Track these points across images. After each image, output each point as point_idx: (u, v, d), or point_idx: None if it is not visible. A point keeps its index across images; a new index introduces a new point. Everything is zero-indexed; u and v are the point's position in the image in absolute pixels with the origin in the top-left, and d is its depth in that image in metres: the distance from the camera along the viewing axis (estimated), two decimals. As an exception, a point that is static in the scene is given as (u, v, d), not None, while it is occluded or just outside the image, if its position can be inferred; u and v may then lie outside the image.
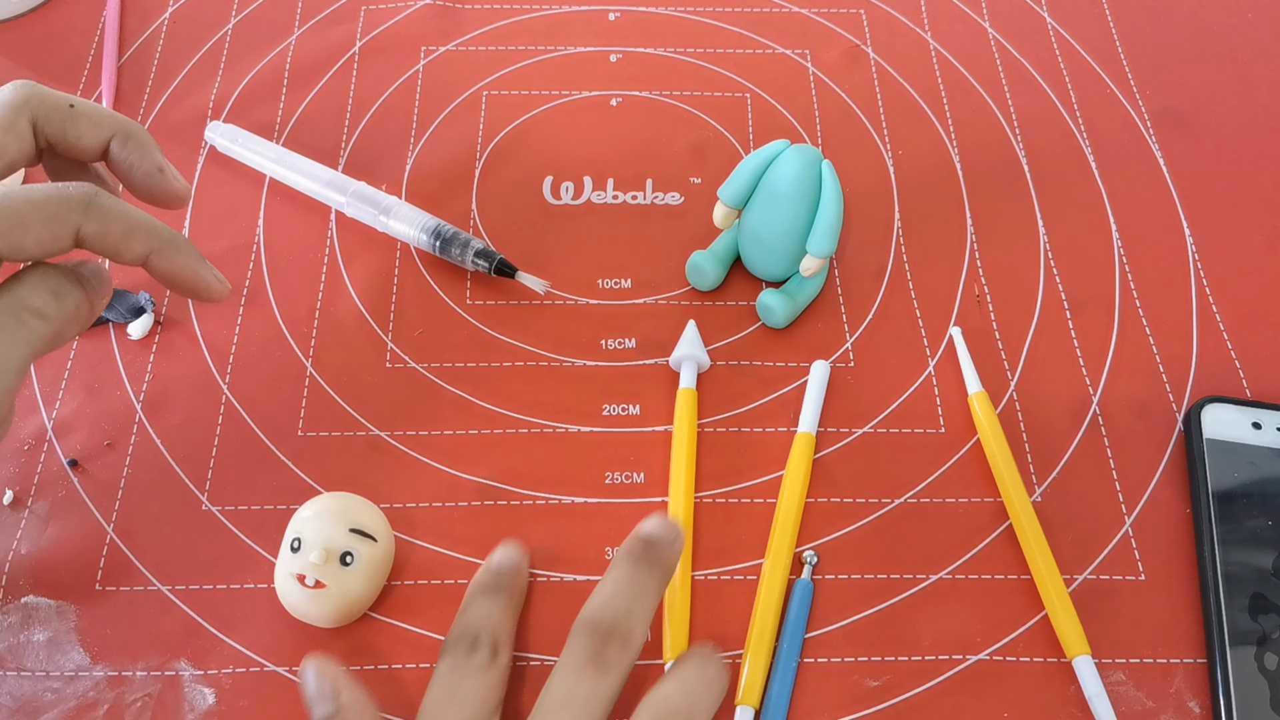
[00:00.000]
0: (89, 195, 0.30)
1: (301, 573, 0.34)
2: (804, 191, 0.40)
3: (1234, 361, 0.43)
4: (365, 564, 0.35)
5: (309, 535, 0.34)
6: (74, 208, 0.30)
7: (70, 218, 0.30)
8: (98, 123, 0.33)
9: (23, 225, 0.29)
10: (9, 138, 0.31)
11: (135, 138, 0.34)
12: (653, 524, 0.34)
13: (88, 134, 0.33)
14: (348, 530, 0.35)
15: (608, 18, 0.54)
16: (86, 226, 0.30)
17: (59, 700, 0.35)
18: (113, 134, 0.33)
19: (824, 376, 0.42)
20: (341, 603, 0.34)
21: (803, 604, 0.37)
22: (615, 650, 0.31)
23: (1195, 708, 0.35)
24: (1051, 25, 0.55)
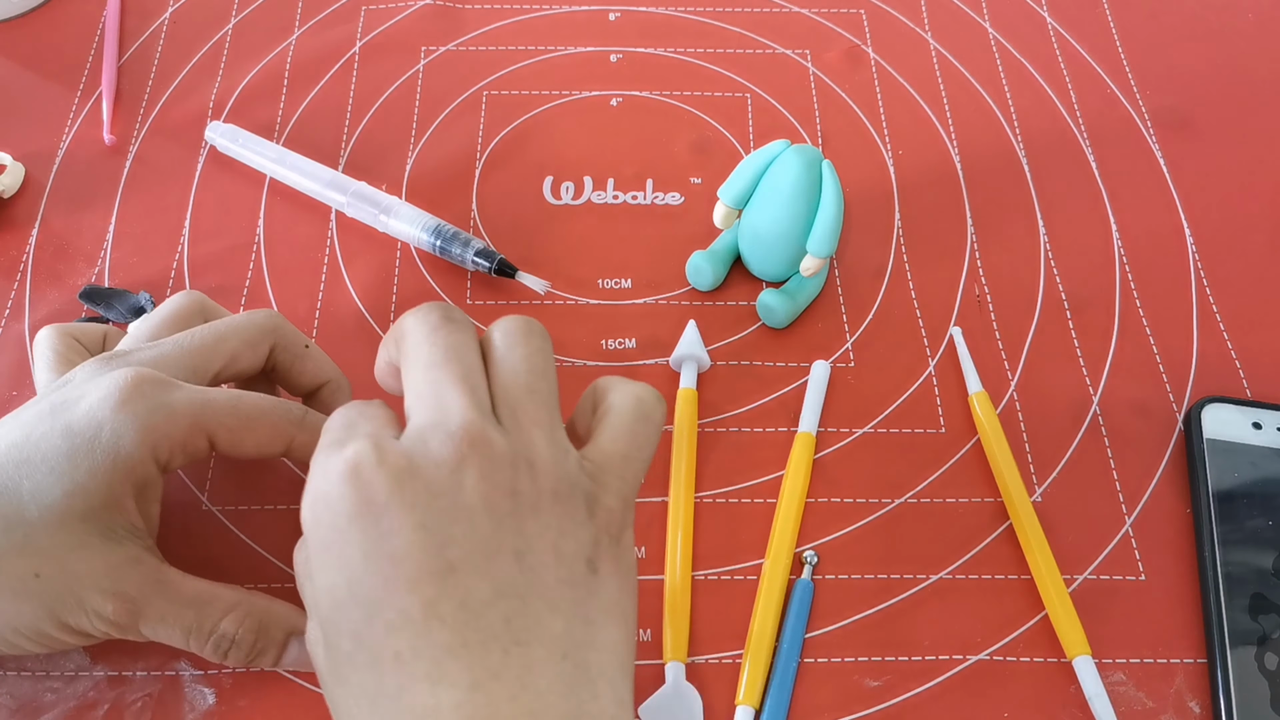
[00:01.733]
0: (303, 412, 0.34)
1: None
2: (804, 191, 0.40)
3: (1234, 361, 0.43)
4: None
5: None
6: (293, 421, 0.33)
7: (289, 430, 0.33)
8: (321, 369, 0.37)
9: (251, 426, 0.32)
10: (249, 353, 0.35)
11: (344, 391, 0.37)
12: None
13: (310, 375, 0.37)
14: None
15: (608, 18, 0.54)
16: (299, 438, 0.33)
17: (59, 700, 0.35)
18: (328, 381, 0.37)
19: (824, 376, 0.42)
20: None
21: (803, 604, 0.37)
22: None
23: (1195, 708, 0.35)
24: (1051, 25, 0.55)
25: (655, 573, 0.38)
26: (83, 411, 0.31)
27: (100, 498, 0.30)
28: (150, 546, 0.32)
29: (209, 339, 0.34)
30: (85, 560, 0.30)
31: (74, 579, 0.30)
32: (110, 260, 0.45)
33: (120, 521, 0.31)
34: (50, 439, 0.30)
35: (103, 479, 0.30)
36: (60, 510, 0.30)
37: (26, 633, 0.31)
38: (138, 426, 0.30)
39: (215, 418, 0.32)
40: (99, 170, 0.48)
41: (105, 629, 0.31)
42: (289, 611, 0.33)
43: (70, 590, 0.30)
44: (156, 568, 0.31)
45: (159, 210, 0.47)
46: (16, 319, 0.43)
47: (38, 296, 0.44)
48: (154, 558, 0.32)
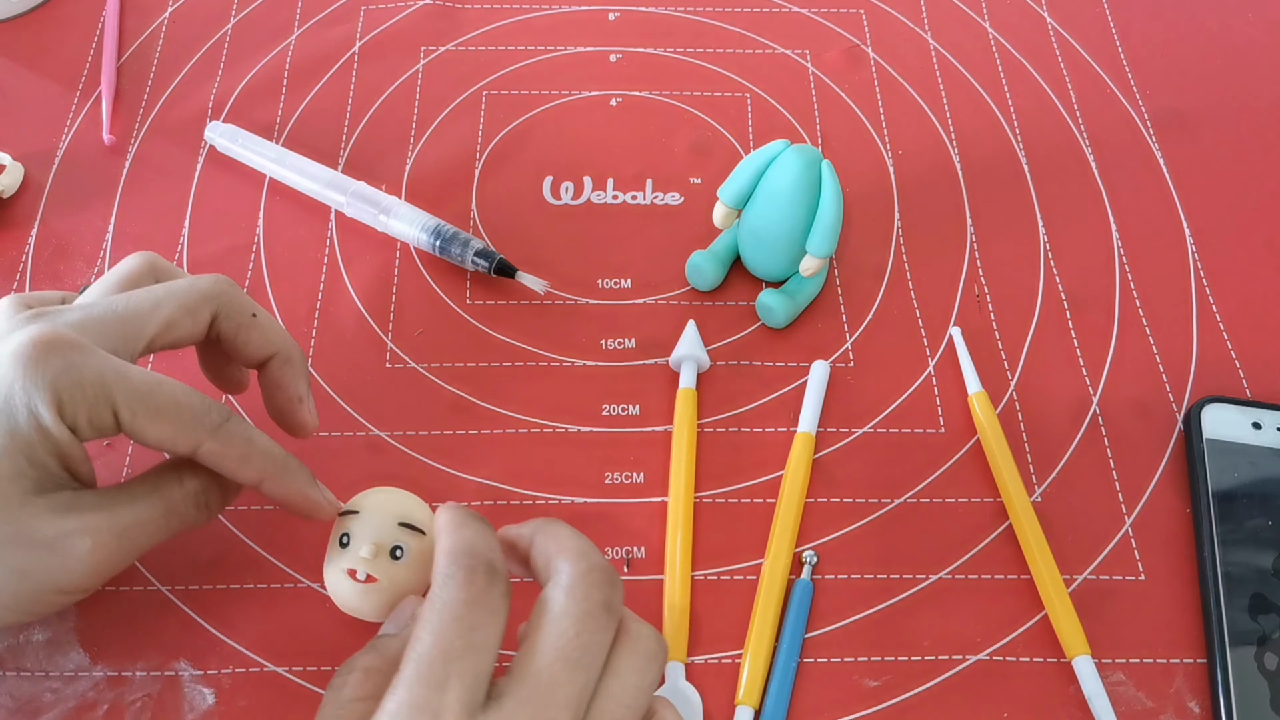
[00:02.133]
0: (222, 418, 0.32)
1: (352, 567, 0.33)
2: (804, 191, 0.40)
3: (1234, 361, 0.43)
4: (415, 557, 0.33)
5: (358, 530, 0.34)
6: (205, 427, 0.32)
7: (197, 433, 0.31)
8: (269, 339, 0.35)
9: (156, 416, 0.31)
10: (187, 320, 0.33)
11: (293, 363, 0.36)
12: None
13: (256, 345, 0.35)
14: (396, 524, 0.34)
15: (608, 18, 0.54)
16: (208, 445, 0.32)
17: (59, 700, 0.35)
18: (276, 353, 0.35)
19: (824, 376, 0.42)
20: (393, 595, 0.33)
21: (802, 604, 0.37)
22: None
23: (1195, 708, 0.35)
24: (1051, 25, 0.55)
25: (656, 573, 0.38)
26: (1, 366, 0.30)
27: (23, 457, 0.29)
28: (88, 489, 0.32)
29: (143, 303, 0.33)
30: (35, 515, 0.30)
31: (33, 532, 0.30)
32: (110, 260, 0.45)
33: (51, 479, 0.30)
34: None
35: (21, 438, 0.29)
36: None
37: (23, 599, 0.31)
38: (44, 384, 0.29)
39: (122, 397, 0.30)
40: (99, 170, 0.48)
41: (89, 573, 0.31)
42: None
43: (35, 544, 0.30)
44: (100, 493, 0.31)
45: (159, 210, 0.47)
46: (16, 319, 0.43)
47: (37, 296, 0.44)
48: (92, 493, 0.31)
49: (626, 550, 0.38)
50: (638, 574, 0.38)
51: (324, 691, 0.29)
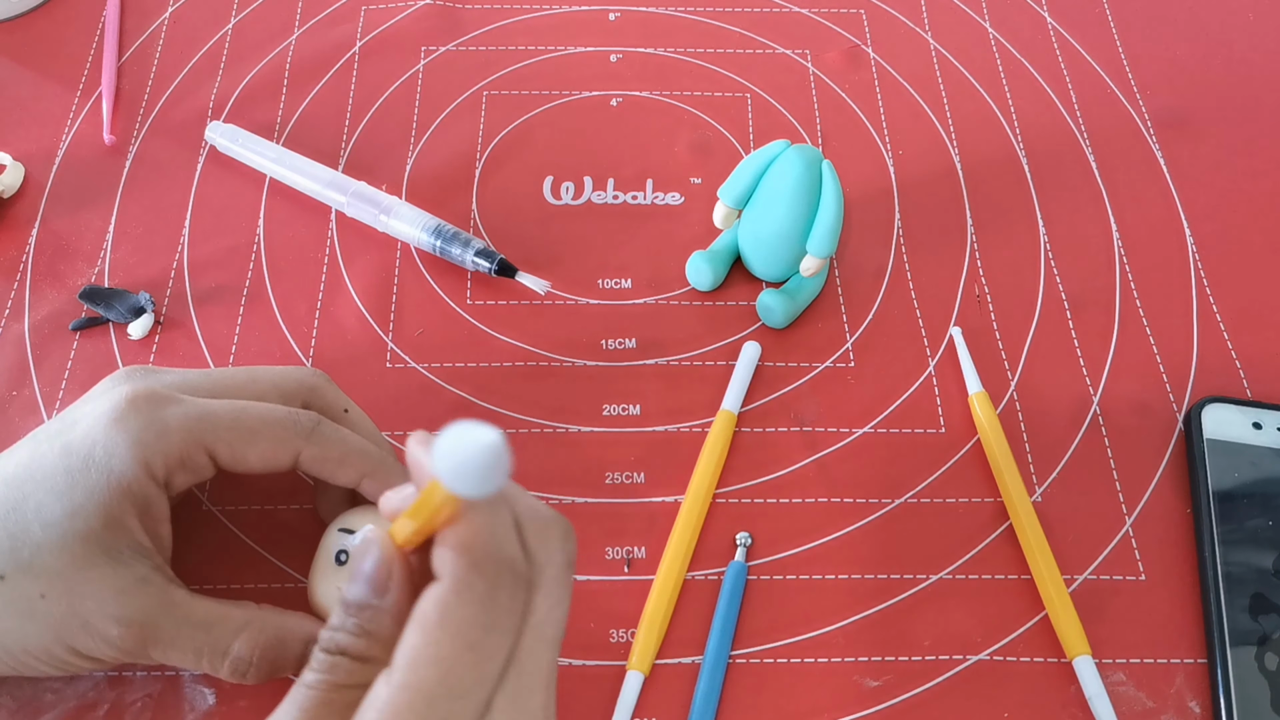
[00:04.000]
0: (314, 423, 0.33)
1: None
2: (804, 192, 0.40)
3: (1234, 361, 0.43)
4: None
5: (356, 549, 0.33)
6: (299, 433, 0.32)
7: (295, 442, 0.32)
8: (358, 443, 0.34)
9: (252, 438, 0.32)
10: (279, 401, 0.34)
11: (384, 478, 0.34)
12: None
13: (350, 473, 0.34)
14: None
15: (608, 18, 0.54)
16: (307, 451, 0.32)
17: (59, 700, 0.35)
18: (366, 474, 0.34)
19: (754, 357, 0.42)
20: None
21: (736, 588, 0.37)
22: None
23: (1195, 708, 0.35)
24: (1051, 25, 0.55)
25: (653, 573, 0.38)
26: (81, 430, 0.31)
27: (99, 518, 0.30)
28: (159, 566, 0.31)
29: (241, 377, 0.34)
30: (90, 582, 0.30)
31: (78, 601, 0.30)
32: (110, 260, 0.45)
33: (125, 542, 0.30)
34: (50, 457, 0.30)
35: (99, 499, 0.30)
36: (62, 530, 0.29)
37: (36, 653, 0.30)
38: (130, 443, 0.30)
39: (214, 432, 0.31)
40: (99, 170, 0.48)
41: (114, 654, 0.30)
42: (301, 622, 0.33)
43: (75, 613, 0.30)
44: (164, 589, 0.31)
45: (159, 210, 0.47)
46: (16, 319, 0.43)
47: (37, 296, 0.44)
48: (162, 577, 0.31)
49: (627, 550, 0.38)
50: (638, 574, 0.38)
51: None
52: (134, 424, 0.30)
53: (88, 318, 0.43)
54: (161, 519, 0.32)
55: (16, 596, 0.29)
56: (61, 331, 0.43)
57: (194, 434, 0.31)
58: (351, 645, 0.25)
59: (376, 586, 0.25)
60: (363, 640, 0.25)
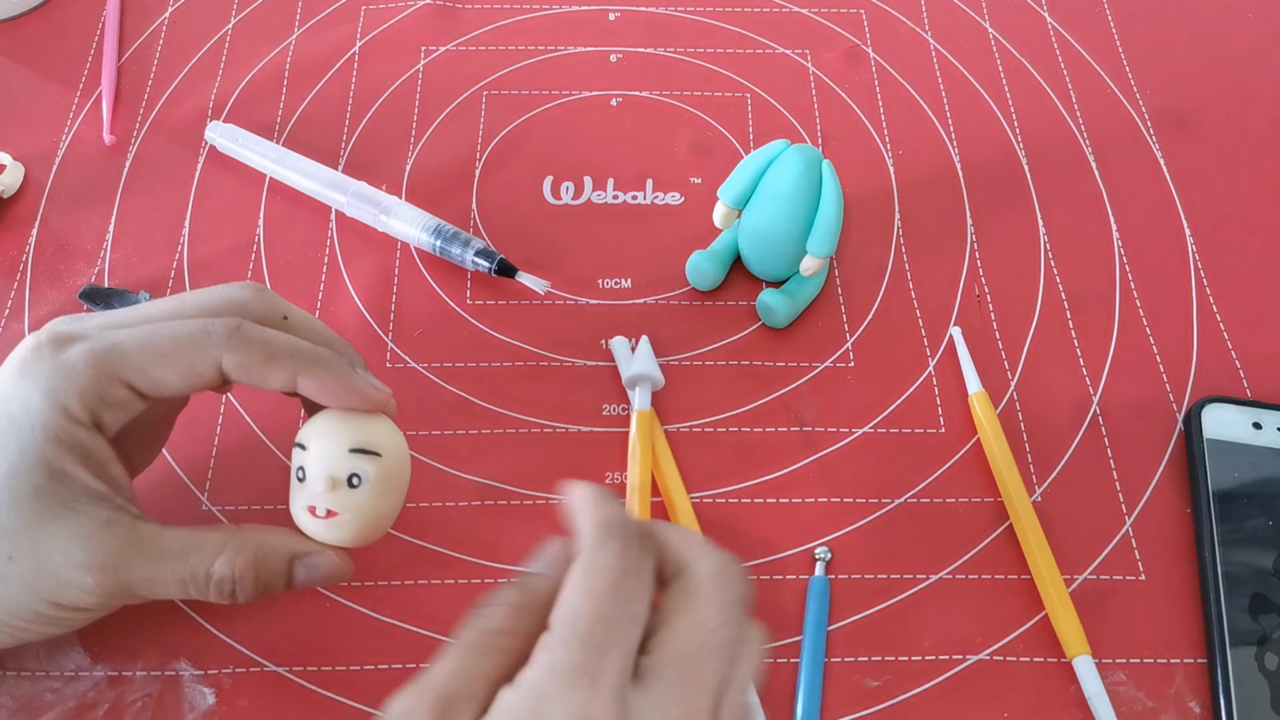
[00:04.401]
0: (230, 328, 0.31)
1: (311, 504, 0.32)
2: (804, 191, 0.40)
3: (1234, 361, 0.43)
4: (374, 483, 0.32)
5: (311, 463, 0.32)
6: (215, 342, 0.31)
7: (210, 352, 0.31)
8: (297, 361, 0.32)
9: (164, 359, 0.30)
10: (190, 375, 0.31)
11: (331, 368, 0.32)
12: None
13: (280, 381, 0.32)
14: (348, 452, 0.32)
15: (608, 18, 0.54)
16: (228, 359, 0.31)
17: (59, 700, 0.35)
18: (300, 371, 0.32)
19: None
20: (359, 526, 0.32)
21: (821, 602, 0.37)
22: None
23: (1195, 708, 0.35)
24: (1051, 25, 0.55)
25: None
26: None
27: (42, 472, 0.29)
28: (121, 506, 0.31)
29: (166, 306, 0.32)
30: (53, 535, 0.29)
31: (46, 555, 0.29)
32: (110, 260, 0.45)
33: (77, 490, 0.30)
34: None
35: (34, 453, 0.29)
36: (9, 492, 0.29)
37: (23, 614, 0.30)
38: (41, 392, 0.29)
39: (123, 359, 0.30)
40: (99, 170, 0.48)
41: (97, 600, 0.30)
42: (284, 537, 0.32)
43: (46, 568, 0.29)
44: (130, 527, 0.30)
45: (159, 210, 0.47)
46: (16, 319, 0.43)
47: (37, 296, 0.44)
48: (127, 517, 0.30)
49: (627, 550, 0.38)
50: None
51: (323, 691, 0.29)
52: (39, 371, 0.30)
53: None
54: (107, 461, 0.31)
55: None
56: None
57: (102, 368, 0.30)
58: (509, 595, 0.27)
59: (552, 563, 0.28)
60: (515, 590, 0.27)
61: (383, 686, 0.35)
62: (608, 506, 0.28)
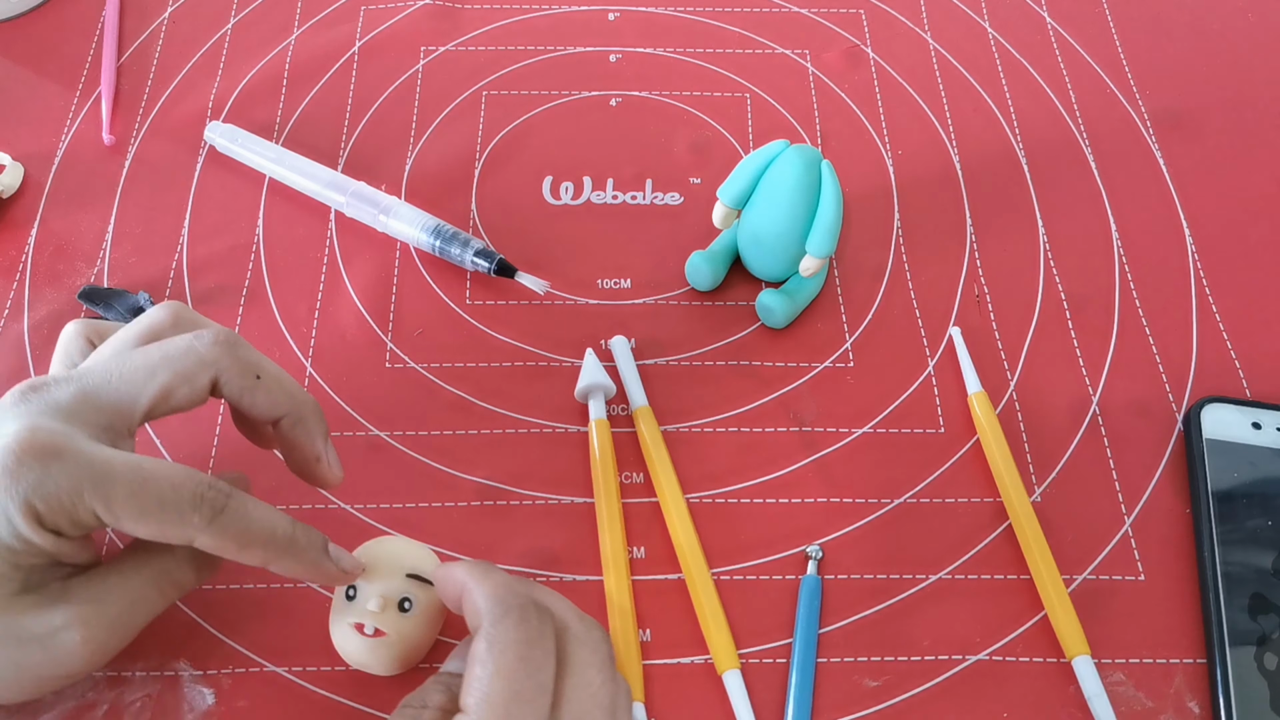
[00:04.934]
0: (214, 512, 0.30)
1: (359, 621, 0.33)
2: (804, 192, 0.40)
3: (1234, 361, 0.43)
4: (423, 609, 0.33)
5: (364, 584, 0.33)
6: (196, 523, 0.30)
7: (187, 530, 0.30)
8: (275, 401, 0.33)
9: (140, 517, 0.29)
10: (184, 388, 0.32)
11: (305, 423, 0.34)
12: None
13: (262, 407, 0.33)
14: (404, 576, 0.33)
15: (608, 18, 0.54)
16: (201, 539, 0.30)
17: (58, 700, 0.35)
18: (285, 414, 0.34)
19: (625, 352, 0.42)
20: (402, 649, 0.33)
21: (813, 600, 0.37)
22: None
23: (1195, 708, 0.35)
24: (1051, 25, 0.55)
25: (654, 573, 0.38)
26: None
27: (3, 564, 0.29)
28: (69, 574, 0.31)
29: (139, 371, 0.31)
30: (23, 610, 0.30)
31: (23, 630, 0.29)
32: (109, 260, 0.45)
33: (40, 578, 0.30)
34: None
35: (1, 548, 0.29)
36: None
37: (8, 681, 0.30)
38: (19, 499, 0.28)
39: (105, 492, 0.29)
40: (98, 170, 0.48)
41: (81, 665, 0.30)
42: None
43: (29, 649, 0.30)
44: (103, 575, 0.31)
45: (158, 210, 0.47)
46: (16, 319, 0.43)
47: (37, 296, 0.44)
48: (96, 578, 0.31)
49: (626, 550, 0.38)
50: (637, 574, 0.38)
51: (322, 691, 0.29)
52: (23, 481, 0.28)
53: (87, 318, 0.43)
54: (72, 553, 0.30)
55: None
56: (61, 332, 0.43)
57: (81, 497, 0.29)
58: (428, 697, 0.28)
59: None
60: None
61: (382, 687, 0.35)
62: (494, 578, 0.29)
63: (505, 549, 0.38)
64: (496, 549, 0.38)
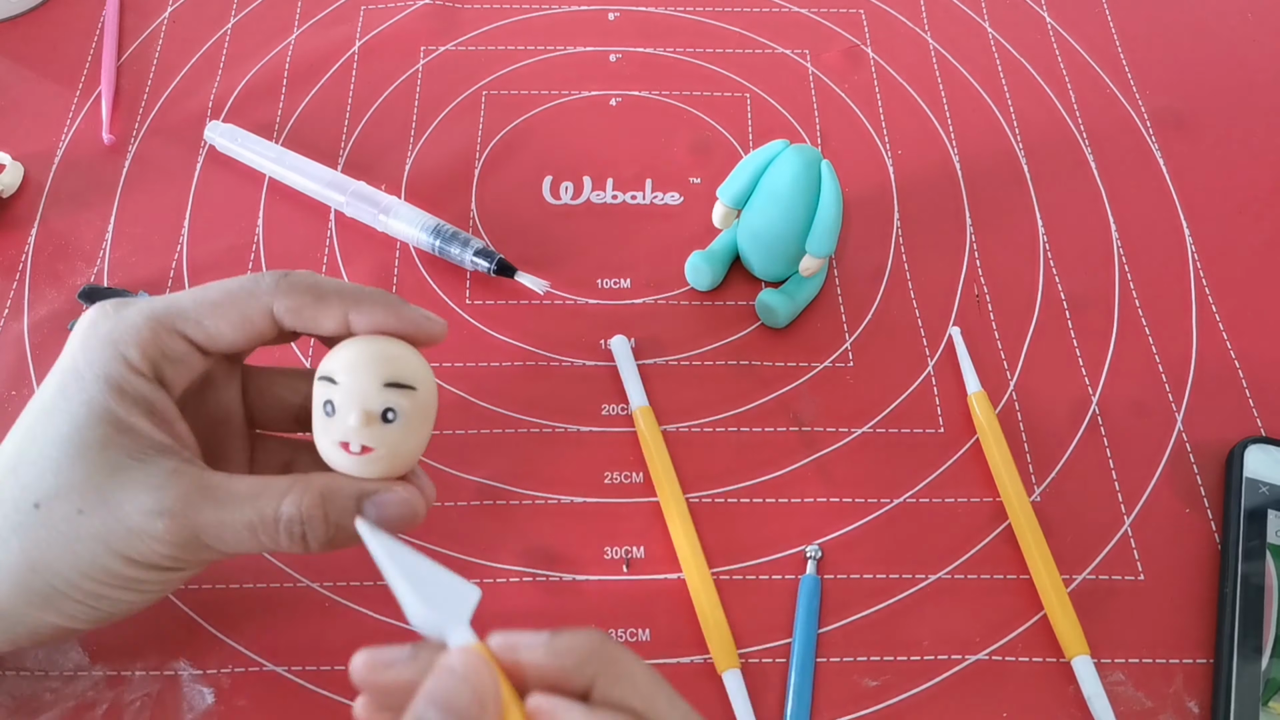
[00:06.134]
0: (279, 276, 0.32)
1: (344, 440, 0.31)
2: (803, 191, 0.40)
3: (1233, 361, 0.43)
4: (409, 416, 0.31)
5: (341, 397, 0.30)
6: (265, 289, 0.32)
7: (261, 299, 0.32)
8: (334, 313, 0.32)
9: (217, 309, 0.32)
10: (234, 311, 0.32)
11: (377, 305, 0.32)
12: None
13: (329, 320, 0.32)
14: (382, 386, 0.30)
15: (608, 18, 0.54)
16: (279, 304, 0.32)
17: (58, 700, 0.35)
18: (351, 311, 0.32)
19: (626, 352, 0.42)
20: (392, 463, 0.31)
21: (812, 600, 0.37)
22: None
23: (1194, 708, 0.35)
24: (1051, 25, 0.55)
25: (654, 572, 0.38)
26: (64, 358, 0.31)
27: (107, 424, 0.30)
28: (188, 459, 0.31)
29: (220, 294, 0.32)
30: (121, 486, 0.30)
31: (115, 506, 0.29)
32: (109, 260, 0.45)
33: (144, 443, 0.30)
34: (47, 390, 0.31)
35: (99, 406, 0.30)
36: (76, 444, 0.30)
37: (94, 574, 0.30)
38: (102, 344, 0.31)
39: (178, 311, 0.31)
40: (98, 170, 0.48)
41: (169, 551, 0.30)
42: (350, 480, 0.31)
43: (116, 518, 0.29)
44: (198, 475, 0.30)
45: (158, 210, 0.47)
46: (15, 318, 0.43)
47: (37, 296, 0.44)
48: (194, 468, 0.30)
49: (626, 550, 0.38)
50: (637, 574, 0.38)
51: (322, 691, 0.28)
52: (102, 327, 0.31)
53: None
54: (172, 417, 0.31)
55: (57, 519, 0.29)
56: (60, 331, 0.43)
57: (160, 320, 0.31)
58: None
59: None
60: None
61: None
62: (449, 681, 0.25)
63: (505, 549, 0.38)
64: (496, 549, 0.38)
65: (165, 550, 0.30)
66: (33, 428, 0.31)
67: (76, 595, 0.30)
